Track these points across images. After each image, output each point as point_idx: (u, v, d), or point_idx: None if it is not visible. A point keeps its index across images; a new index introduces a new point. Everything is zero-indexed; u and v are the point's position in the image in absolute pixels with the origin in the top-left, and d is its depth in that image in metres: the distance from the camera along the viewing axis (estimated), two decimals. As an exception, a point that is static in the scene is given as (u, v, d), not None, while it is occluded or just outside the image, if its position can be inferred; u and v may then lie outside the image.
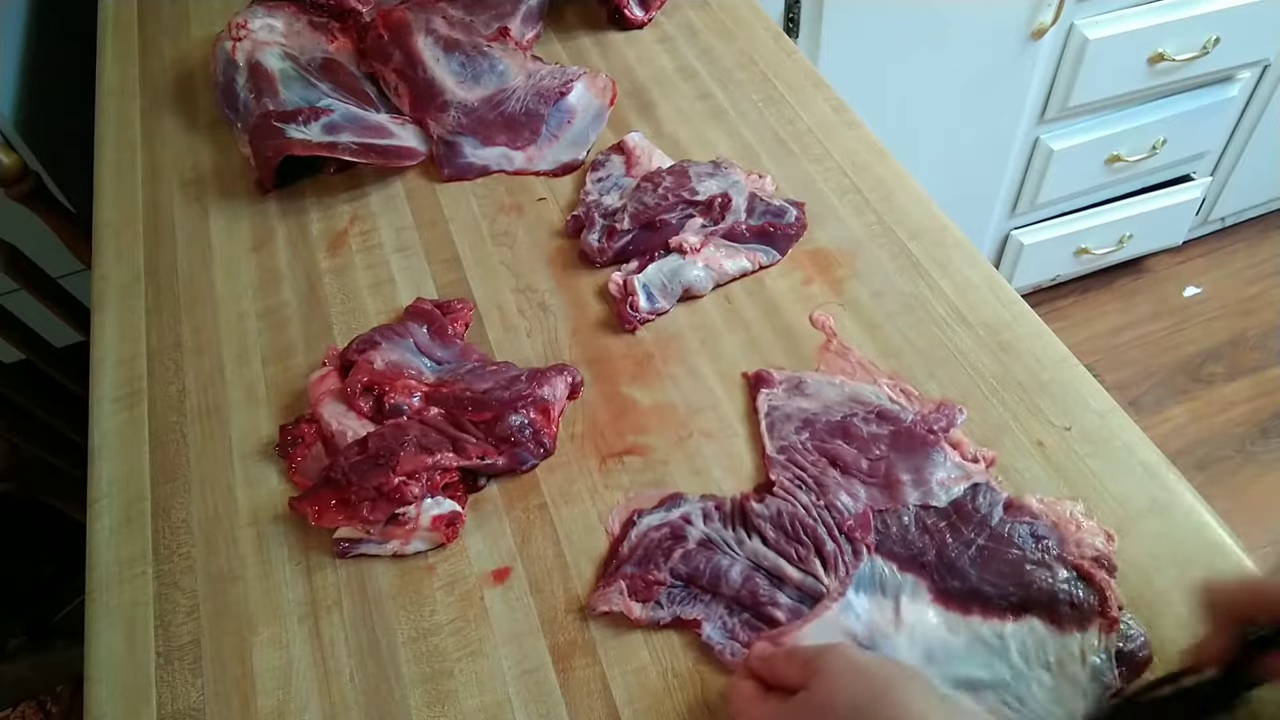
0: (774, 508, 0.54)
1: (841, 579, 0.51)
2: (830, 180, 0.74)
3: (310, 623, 0.54)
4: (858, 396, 0.60)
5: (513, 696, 0.50)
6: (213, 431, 0.64)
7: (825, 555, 0.52)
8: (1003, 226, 1.66)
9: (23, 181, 0.95)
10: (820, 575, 0.51)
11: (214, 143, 0.84)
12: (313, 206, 0.78)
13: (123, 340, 0.70)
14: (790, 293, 0.67)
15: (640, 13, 0.90)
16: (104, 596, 0.56)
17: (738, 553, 0.53)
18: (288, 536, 0.58)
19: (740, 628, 0.51)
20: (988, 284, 0.66)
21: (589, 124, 0.80)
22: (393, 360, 0.63)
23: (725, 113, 0.81)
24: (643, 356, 0.65)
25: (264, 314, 0.71)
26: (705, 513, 0.55)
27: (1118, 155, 1.54)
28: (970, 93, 1.38)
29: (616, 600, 0.52)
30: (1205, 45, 1.40)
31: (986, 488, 0.54)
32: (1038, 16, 1.31)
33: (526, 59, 0.83)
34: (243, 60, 0.83)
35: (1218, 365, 1.74)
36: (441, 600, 0.54)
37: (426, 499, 0.56)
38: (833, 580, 0.51)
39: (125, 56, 0.95)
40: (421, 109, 0.81)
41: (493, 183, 0.78)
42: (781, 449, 0.58)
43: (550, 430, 0.60)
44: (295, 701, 0.51)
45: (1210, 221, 1.88)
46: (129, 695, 0.52)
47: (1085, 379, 0.60)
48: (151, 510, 0.60)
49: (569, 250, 0.72)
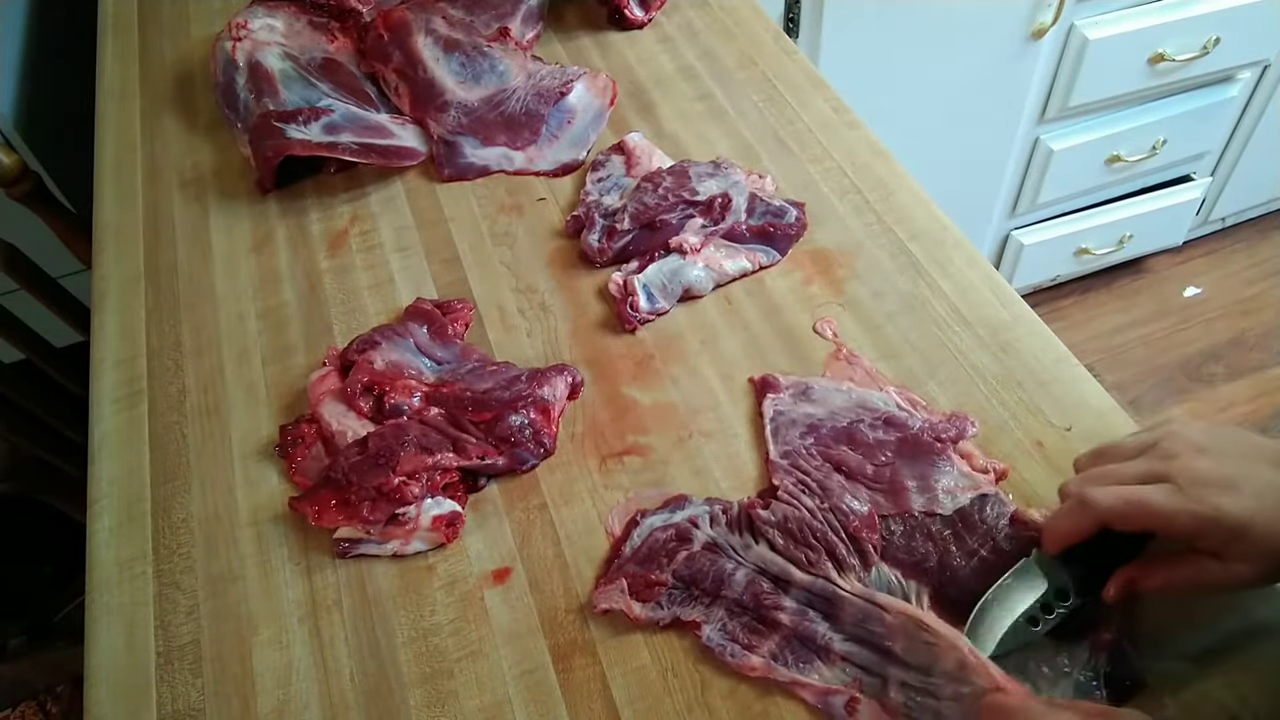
0: (780, 514, 0.54)
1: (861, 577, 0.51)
2: (830, 180, 0.74)
3: (310, 623, 0.54)
4: (865, 403, 0.60)
5: (513, 696, 0.50)
6: (213, 431, 0.64)
7: (839, 558, 0.52)
8: (1003, 226, 1.66)
9: (23, 181, 0.95)
10: (835, 578, 0.51)
11: (214, 143, 0.84)
12: (313, 206, 0.78)
13: (123, 340, 0.70)
14: (790, 293, 0.67)
15: (640, 13, 0.90)
16: (104, 596, 0.56)
17: (743, 558, 0.53)
18: (288, 536, 0.58)
19: (741, 630, 0.51)
20: (988, 284, 0.66)
21: (589, 124, 0.80)
22: (393, 360, 0.63)
23: (725, 113, 0.81)
24: (643, 357, 0.65)
25: (264, 314, 0.71)
26: (712, 517, 0.55)
27: (1118, 155, 1.54)
28: (970, 93, 1.38)
29: (617, 598, 0.52)
30: (1205, 45, 1.40)
31: (995, 499, 0.54)
32: (1038, 17, 1.31)
33: (526, 59, 0.83)
34: (243, 60, 0.83)
35: (1218, 365, 1.74)
36: (441, 600, 0.54)
37: (426, 499, 0.56)
38: (850, 581, 0.51)
39: (125, 56, 0.95)
40: (421, 109, 0.81)
41: (493, 183, 0.78)
42: (785, 454, 0.57)
43: (550, 430, 0.60)
44: (295, 701, 0.51)
45: (1210, 222, 1.88)
46: (129, 695, 0.52)
47: (1085, 379, 0.60)
48: (151, 510, 0.60)
49: (569, 250, 0.72)
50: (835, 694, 0.48)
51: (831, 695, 0.48)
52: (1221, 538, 0.42)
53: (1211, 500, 0.42)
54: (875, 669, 0.48)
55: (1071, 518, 0.47)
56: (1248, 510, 0.41)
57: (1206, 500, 0.42)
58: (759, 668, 0.49)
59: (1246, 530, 0.41)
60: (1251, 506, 0.42)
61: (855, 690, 0.48)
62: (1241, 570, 0.43)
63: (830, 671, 0.49)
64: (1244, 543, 0.42)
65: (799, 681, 0.48)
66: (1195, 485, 0.42)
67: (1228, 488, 0.42)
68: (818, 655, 0.49)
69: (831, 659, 0.49)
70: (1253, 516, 0.41)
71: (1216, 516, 0.42)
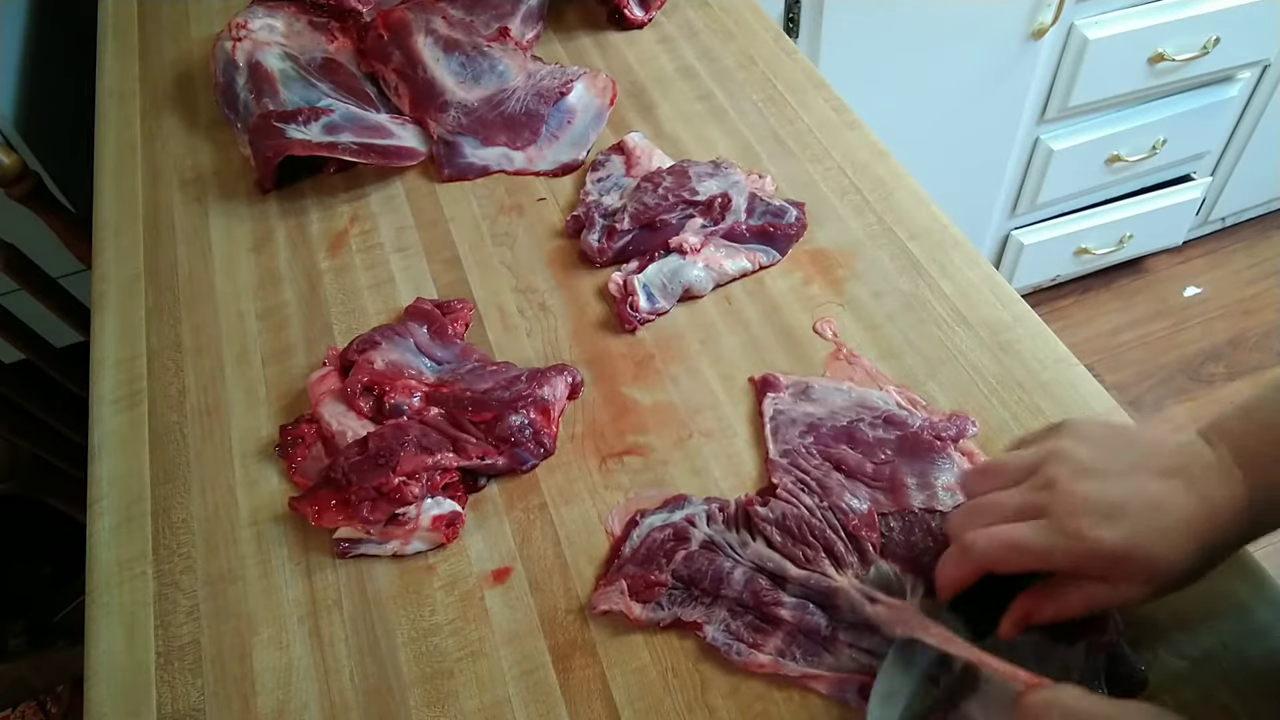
0: (778, 511, 0.54)
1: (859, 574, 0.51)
2: (830, 180, 0.74)
3: (310, 623, 0.54)
4: (865, 402, 0.60)
5: (513, 696, 0.50)
6: (213, 431, 0.64)
7: (837, 556, 0.52)
8: (1003, 226, 1.66)
9: (23, 181, 0.95)
10: (831, 574, 0.51)
11: (214, 143, 0.84)
12: (313, 206, 0.78)
13: (123, 340, 0.70)
14: (790, 293, 0.67)
15: (640, 13, 0.90)
16: (104, 596, 0.56)
17: (740, 555, 0.53)
18: (288, 536, 0.58)
19: (744, 629, 0.51)
20: (988, 284, 0.66)
21: (589, 124, 0.80)
22: (393, 360, 0.63)
23: (725, 113, 0.81)
24: (643, 357, 0.65)
25: (264, 314, 0.71)
26: (709, 515, 0.55)
27: (1118, 155, 1.54)
28: (970, 93, 1.38)
29: (617, 600, 0.52)
30: (1205, 45, 1.40)
31: None
32: (1038, 16, 1.31)
33: (526, 59, 0.83)
34: (243, 60, 0.83)
35: (1218, 365, 1.74)
36: (441, 600, 0.54)
37: (426, 499, 0.56)
38: (848, 578, 0.51)
39: (125, 56, 0.95)
40: (421, 109, 0.81)
41: (493, 183, 0.78)
42: (785, 453, 0.57)
43: (550, 430, 0.60)
44: (295, 701, 0.51)
45: (1210, 221, 1.88)
46: (129, 695, 0.52)
47: (1085, 379, 0.60)
48: (151, 510, 0.60)
49: (569, 250, 0.72)
50: (849, 681, 0.48)
51: (846, 683, 0.48)
52: (1103, 567, 0.42)
53: (1088, 533, 0.41)
54: (881, 650, 0.48)
55: (955, 566, 0.46)
56: (1125, 538, 0.41)
57: (1084, 533, 0.41)
58: (767, 664, 0.49)
59: (1125, 557, 0.41)
60: (1129, 532, 0.41)
61: (867, 676, 0.48)
62: (1129, 591, 0.42)
63: (838, 660, 0.49)
64: (1125, 567, 0.42)
65: (810, 674, 0.49)
66: (1073, 517, 0.42)
67: (1107, 515, 0.41)
68: (823, 647, 0.50)
69: (838, 648, 0.49)
70: (1130, 542, 0.41)
71: (1094, 548, 0.41)
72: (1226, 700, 0.46)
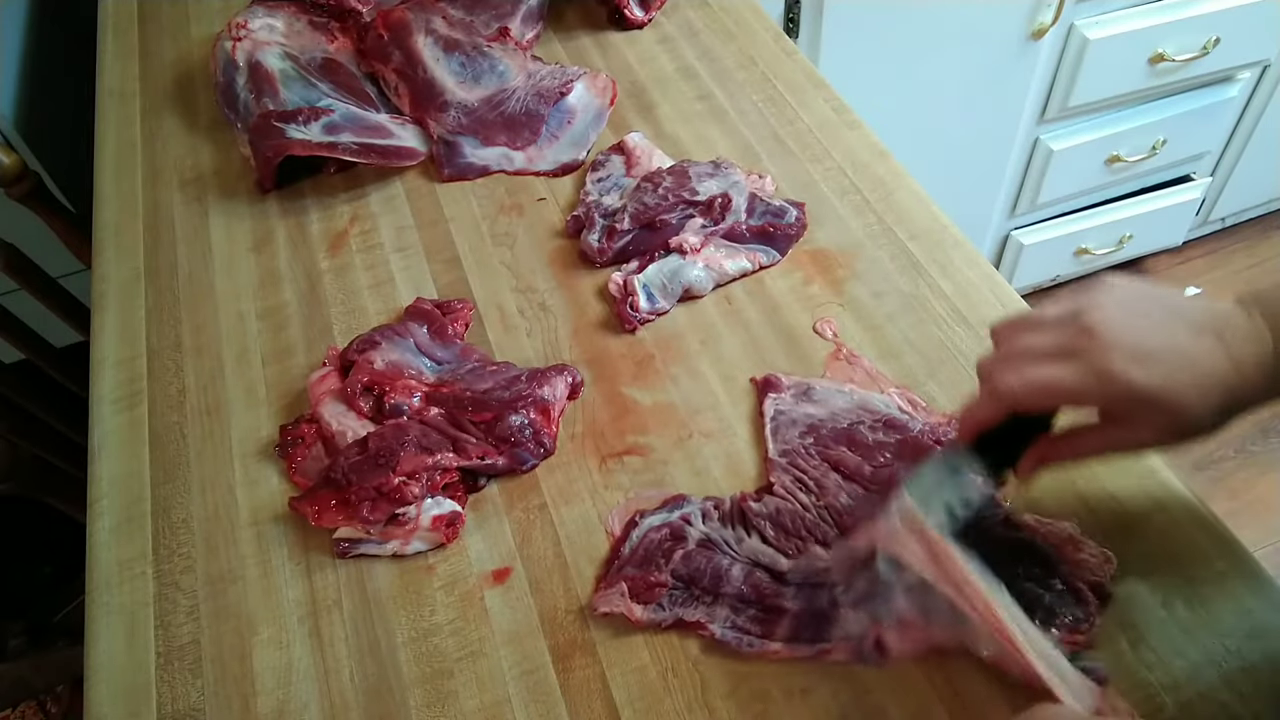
0: (772, 506, 0.54)
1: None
2: (830, 180, 0.74)
3: (310, 623, 0.54)
4: (866, 405, 0.60)
5: (513, 696, 0.50)
6: (213, 431, 0.64)
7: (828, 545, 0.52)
8: (1003, 226, 1.66)
9: (23, 181, 0.95)
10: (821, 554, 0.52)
11: (214, 143, 0.84)
12: (313, 206, 0.78)
13: (123, 340, 0.70)
14: (790, 293, 0.67)
15: (640, 13, 0.90)
16: (104, 596, 0.56)
17: (737, 552, 0.53)
18: (288, 536, 0.58)
19: (750, 622, 0.51)
20: (988, 284, 0.66)
21: (589, 124, 0.80)
22: (393, 360, 0.63)
23: (725, 113, 0.81)
24: (643, 357, 0.65)
25: (264, 314, 0.71)
26: (704, 512, 0.55)
27: (1118, 155, 1.54)
28: (970, 93, 1.38)
29: (618, 602, 0.52)
30: (1205, 45, 1.40)
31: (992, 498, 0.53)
32: (1038, 17, 1.31)
33: (526, 59, 0.83)
34: (243, 60, 0.83)
35: (1218, 365, 1.74)
36: (441, 600, 0.54)
37: (426, 499, 0.56)
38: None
39: (125, 56, 0.95)
40: (421, 109, 0.81)
41: (493, 183, 0.78)
42: (784, 452, 0.58)
43: (550, 430, 0.60)
44: (295, 701, 0.51)
45: (1210, 222, 1.88)
46: (129, 695, 0.52)
47: (1085, 379, 0.60)
48: (151, 510, 0.60)
49: (569, 250, 0.72)
50: (861, 642, 0.49)
51: (859, 645, 0.49)
52: (1129, 407, 0.43)
53: (1121, 373, 0.42)
54: (881, 595, 0.49)
55: (983, 408, 0.47)
56: (1157, 381, 0.42)
57: (1116, 373, 0.42)
58: (781, 651, 0.50)
59: (1154, 400, 0.42)
60: (1162, 377, 0.42)
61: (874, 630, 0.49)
62: (1148, 437, 0.44)
63: (846, 627, 0.50)
64: (1151, 411, 0.42)
65: (824, 650, 0.49)
66: (1106, 357, 0.42)
67: (1141, 359, 0.42)
68: (830, 620, 0.50)
69: (844, 616, 0.50)
70: (1162, 386, 0.42)
71: (1127, 389, 0.42)
72: (1227, 700, 0.46)
